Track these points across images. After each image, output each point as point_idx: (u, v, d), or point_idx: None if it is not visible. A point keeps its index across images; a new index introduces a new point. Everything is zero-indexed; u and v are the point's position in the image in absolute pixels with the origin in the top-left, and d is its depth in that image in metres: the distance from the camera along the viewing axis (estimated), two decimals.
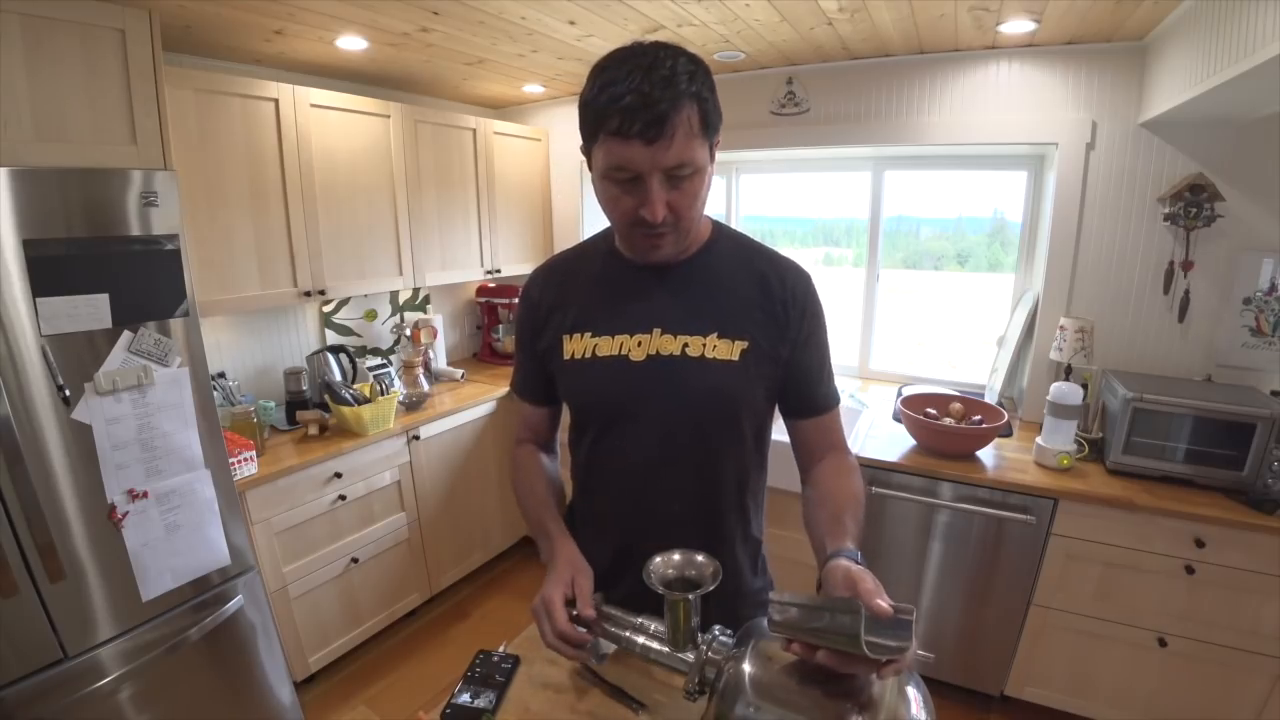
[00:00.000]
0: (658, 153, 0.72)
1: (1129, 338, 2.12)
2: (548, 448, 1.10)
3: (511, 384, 1.08)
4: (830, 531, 0.79)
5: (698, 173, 0.77)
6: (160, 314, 1.50)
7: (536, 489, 1.01)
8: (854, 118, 2.39)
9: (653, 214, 0.76)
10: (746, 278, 0.91)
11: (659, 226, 0.78)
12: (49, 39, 1.39)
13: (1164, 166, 1.97)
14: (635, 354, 0.89)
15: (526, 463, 1.06)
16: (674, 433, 0.89)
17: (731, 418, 0.90)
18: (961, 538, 1.92)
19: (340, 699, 2.12)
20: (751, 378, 0.88)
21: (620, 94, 0.71)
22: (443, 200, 2.63)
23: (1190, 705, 1.76)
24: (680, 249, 0.87)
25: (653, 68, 0.71)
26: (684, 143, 0.73)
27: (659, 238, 0.81)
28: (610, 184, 0.78)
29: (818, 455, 0.95)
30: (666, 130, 0.71)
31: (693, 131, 0.74)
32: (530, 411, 1.07)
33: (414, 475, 2.37)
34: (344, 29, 1.89)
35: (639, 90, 0.70)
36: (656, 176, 0.75)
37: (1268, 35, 1.17)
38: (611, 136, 0.73)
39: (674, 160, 0.74)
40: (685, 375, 0.87)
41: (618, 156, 0.74)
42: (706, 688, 0.69)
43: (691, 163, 0.75)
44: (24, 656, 1.34)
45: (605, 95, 0.72)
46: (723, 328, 0.88)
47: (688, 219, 0.81)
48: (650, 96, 0.70)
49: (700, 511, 0.93)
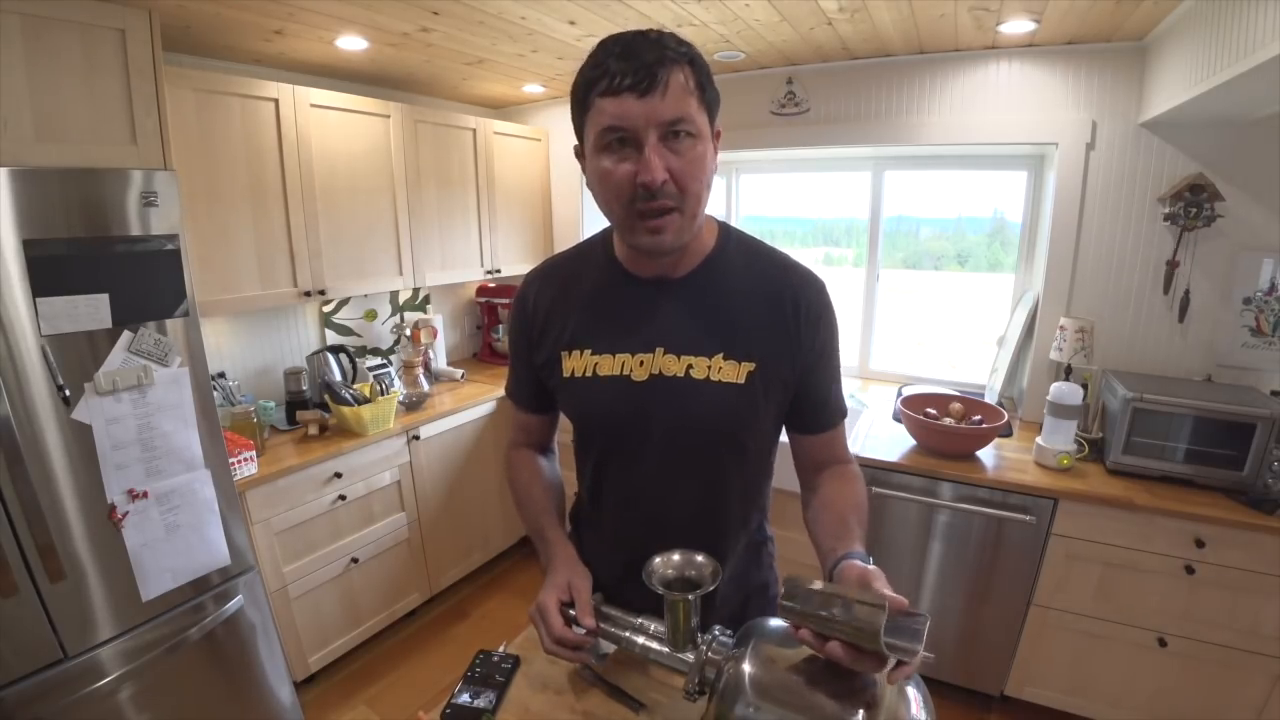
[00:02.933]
0: (652, 105, 0.68)
1: (1129, 338, 2.12)
2: (544, 450, 1.08)
3: (506, 390, 1.05)
4: (837, 534, 0.78)
5: (698, 138, 0.72)
6: (160, 314, 1.50)
7: (534, 493, 1.00)
8: (854, 118, 2.39)
9: (651, 174, 0.69)
10: (756, 291, 0.85)
11: (661, 195, 0.71)
12: (49, 39, 1.39)
13: (1164, 166, 1.97)
14: (637, 374, 0.85)
15: (523, 465, 1.04)
16: (679, 454, 0.86)
17: (738, 440, 0.87)
18: (961, 538, 1.92)
19: (340, 699, 2.12)
20: (758, 401, 0.84)
21: (608, 57, 0.69)
22: (443, 200, 2.63)
23: (1190, 705, 1.76)
24: (688, 238, 0.79)
25: (640, 35, 0.70)
26: (679, 97, 0.69)
27: (662, 217, 0.73)
28: (604, 156, 0.72)
29: (822, 468, 0.93)
30: (659, 79, 0.68)
31: (688, 89, 0.70)
32: (526, 419, 1.04)
33: (414, 475, 2.37)
34: (344, 29, 1.89)
35: (627, 48, 0.69)
36: (652, 134, 0.69)
37: (1268, 35, 1.17)
38: (602, 97, 0.69)
39: (670, 113, 0.69)
40: (688, 398, 0.83)
41: (610, 115, 0.69)
42: (706, 688, 0.69)
43: (690, 120, 0.70)
44: (24, 656, 1.34)
45: (593, 64, 0.71)
46: (729, 348, 0.83)
47: (693, 193, 0.74)
48: (638, 50, 0.68)
49: (708, 524, 0.91)
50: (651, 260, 0.84)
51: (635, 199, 0.72)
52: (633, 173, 0.71)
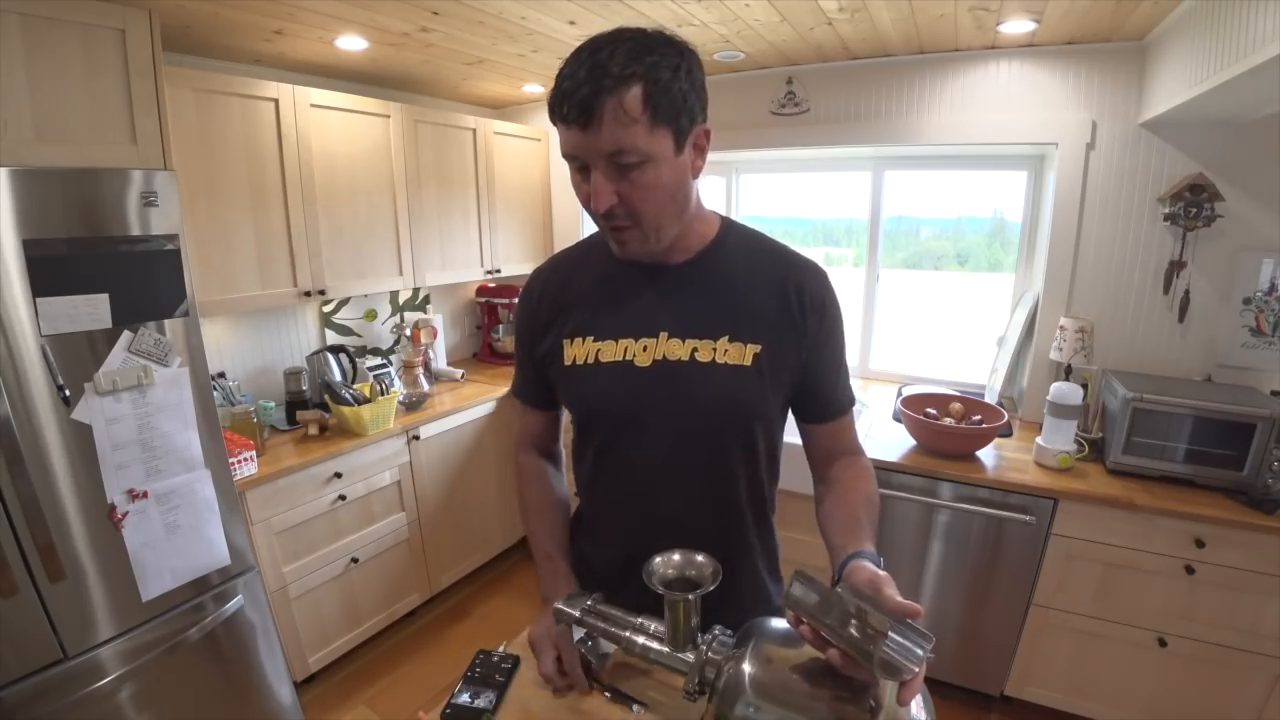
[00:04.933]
0: (590, 138, 0.70)
1: (1129, 338, 2.12)
2: (552, 455, 1.08)
3: (512, 388, 1.05)
4: (849, 532, 0.78)
5: (648, 162, 0.72)
6: (160, 314, 1.50)
7: (545, 514, 0.99)
8: (854, 118, 2.39)
9: (596, 203, 0.73)
10: (759, 278, 0.86)
11: (612, 218, 0.75)
12: (49, 39, 1.39)
13: (1164, 166, 1.97)
14: (640, 359, 0.85)
15: (535, 476, 1.03)
16: (683, 441, 0.86)
17: (744, 426, 0.86)
18: (961, 538, 1.92)
19: (340, 699, 2.13)
20: (765, 383, 0.84)
21: (563, 80, 0.70)
22: (443, 200, 2.63)
23: (1190, 705, 1.76)
24: (656, 247, 0.81)
25: (595, 51, 0.69)
26: (616, 129, 0.69)
27: (620, 231, 0.78)
28: (572, 172, 0.77)
29: (833, 459, 0.93)
30: (595, 114, 0.68)
31: (628, 117, 0.68)
32: (532, 417, 1.04)
33: (414, 475, 2.37)
34: (344, 29, 1.89)
35: (573, 76, 0.69)
36: (600, 163, 0.72)
37: (1268, 35, 1.17)
38: (558, 123, 0.72)
39: (608, 146, 0.70)
40: (695, 382, 0.83)
41: (564, 142, 0.73)
42: (706, 688, 0.69)
43: (633, 149, 0.70)
44: (24, 656, 1.34)
45: (555, 85, 0.72)
46: (734, 331, 0.84)
47: (648, 214, 0.76)
48: (578, 80, 0.68)
49: (711, 522, 0.90)
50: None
51: (594, 215, 0.77)
52: (589, 194, 0.74)
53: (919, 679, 0.56)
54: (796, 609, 0.62)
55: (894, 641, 0.55)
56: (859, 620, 0.57)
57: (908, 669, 0.54)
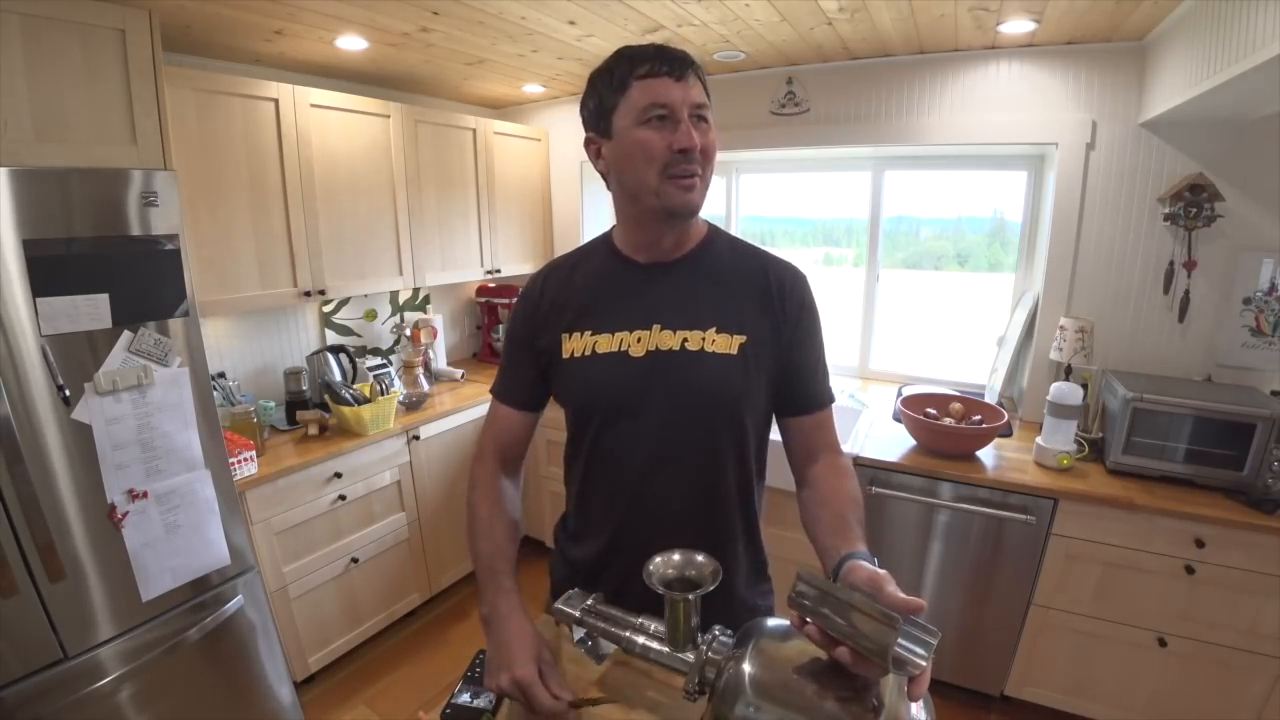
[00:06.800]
0: (686, 88, 0.83)
1: (1129, 338, 2.12)
2: (513, 470, 1.03)
3: (491, 388, 1.03)
4: (838, 534, 0.78)
5: (713, 126, 0.87)
6: (160, 314, 1.50)
7: (495, 531, 0.96)
8: (854, 118, 2.39)
9: (690, 141, 0.82)
10: (743, 275, 0.94)
11: (692, 159, 0.84)
12: (49, 39, 1.39)
13: (1164, 166, 1.97)
14: (635, 350, 0.89)
15: (487, 490, 0.98)
16: (675, 429, 0.88)
17: (733, 412, 0.90)
18: (961, 538, 1.92)
19: (340, 699, 2.13)
20: (751, 371, 0.89)
21: (642, 52, 0.84)
22: (443, 200, 2.63)
23: (1190, 705, 1.76)
24: (701, 202, 0.89)
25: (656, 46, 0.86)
26: (699, 86, 0.85)
27: (692, 178, 0.85)
28: (644, 129, 0.83)
29: (813, 455, 0.94)
30: (689, 73, 0.84)
31: (701, 82, 0.86)
32: (508, 419, 1.01)
33: (414, 475, 2.37)
34: (344, 29, 1.89)
35: (656, 49, 0.84)
36: (685, 112, 0.83)
37: (1268, 35, 1.17)
38: (643, 79, 0.83)
39: (698, 97, 0.84)
40: (685, 369, 0.88)
41: (654, 94, 0.82)
42: (706, 688, 0.69)
43: (708, 106, 0.86)
44: (24, 656, 1.34)
45: (631, 54, 0.84)
46: (721, 322, 0.90)
47: (710, 164, 0.88)
48: (669, 49, 0.84)
49: (700, 512, 0.91)
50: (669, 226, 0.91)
51: (669, 164, 0.84)
52: (669, 142, 0.83)
53: (928, 673, 0.57)
54: (802, 608, 0.62)
55: (905, 635, 0.55)
56: (868, 616, 0.57)
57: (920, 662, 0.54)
